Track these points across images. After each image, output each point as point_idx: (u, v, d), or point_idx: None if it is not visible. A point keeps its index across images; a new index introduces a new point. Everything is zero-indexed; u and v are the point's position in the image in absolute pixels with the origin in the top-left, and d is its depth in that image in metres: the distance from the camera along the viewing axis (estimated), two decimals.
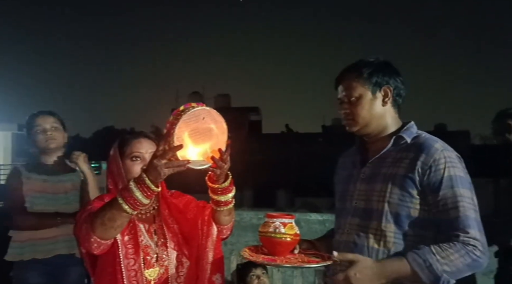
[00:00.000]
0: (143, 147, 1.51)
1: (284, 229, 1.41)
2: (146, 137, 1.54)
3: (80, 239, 1.36)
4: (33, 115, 2.34)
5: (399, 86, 1.49)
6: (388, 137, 1.47)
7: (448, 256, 1.28)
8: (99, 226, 1.28)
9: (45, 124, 2.30)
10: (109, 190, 1.52)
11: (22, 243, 2.21)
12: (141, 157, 1.49)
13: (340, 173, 1.64)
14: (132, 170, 1.47)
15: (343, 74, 1.52)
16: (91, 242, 1.31)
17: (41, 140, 2.29)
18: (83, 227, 1.32)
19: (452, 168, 1.36)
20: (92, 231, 1.29)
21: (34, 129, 2.30)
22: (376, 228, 1.40)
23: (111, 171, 1.50)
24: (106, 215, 1.27)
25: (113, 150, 1.52)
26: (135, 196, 1.23)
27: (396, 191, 1.38)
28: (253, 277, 2.56)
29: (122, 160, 1.49)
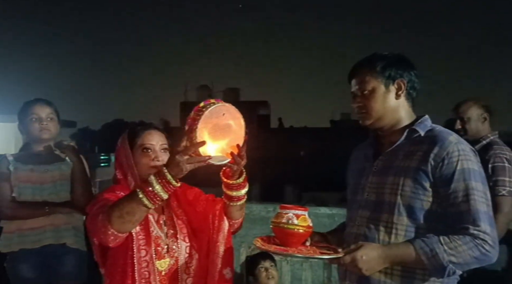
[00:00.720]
0: (154, 139, 1.52)
1: (297, 221, 1.41)
2: (156, 129, 1.56)
3: (94, 231, 1.36)
4: (29, 102, 2.29)
5: (413, 80, 1.48)
6: (402, 130, 1.47)
7: (456, 247, 1.29)
8: (117, 219, 1.28)
9: (41, 113, 2.25)
10: (118, 181, 1.52)
11: (11, 233, 2.19)
12: (152, 149, 1.51)
13: (352, 165, 1.64)
14: (143, 162, 1.49)
15: (357, 68, 1.52)
16: (108, 235, 1.31)
17: (35, 130, 2.24)
18: (99, 219, 1.32)
19: (466, 161, 1.35)
20: (109, 224, 1.29)
21: (29, 117, 2.24)
22: (387, 221, 1.40)
23: (120, 162, 1.51)
24: (124, 208, 1.28)
25: (122, 141, 1.53)
26: (156, 190, 1.25)
27: (409, 184, 1.38)
28: (261, 269, 2.57)
29: (132, 152, 1.51)
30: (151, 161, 1.50)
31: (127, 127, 1.60)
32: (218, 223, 1.55)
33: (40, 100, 2.30)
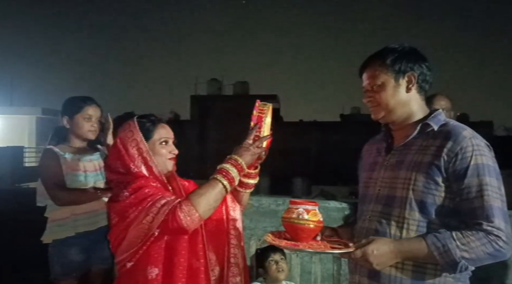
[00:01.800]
0: (169, 132, 1.63)
1: (307, 216, 1.41)
2: (165, 123, 1.65)
3: (171, 220, 1.38)
4: (83, 101, 2.46)
5: (425, 73, 1.46)
6: (414, 124, 1.45)
7: (468, 243, 1.27)
8: (204, 206, 1.41)
9: (94, 115, 2.45)
10: (136, 174, 1.49)
11: (64, 219, 2.34)
12: (168, 142, 1.61)
13: (365, 159, 1.63)
14: (162, 153, 1.57)
15: (367, 62, 1.50)
16: (195, 222, 1.40)
17: (84, 128, 2.43)
18: (182, 208, 1.38)
19: (480, 156, 1.33)
20: (197, 211, 1.39)
21: (82, 115, 2.42)
22: (398, 216, 1.39)
23: (131, 155, 1.52)
24: (211, 196, 1.43)
25: (132, 135, 1.54)
26: (234, 174, 1.47)
27: (421, 179, 1.37)
28: (271, 262, 2.58)
29: (148, 144, 1.54)
30: (169, 153, 1.59)
31: (123, 120, 1.63)
32: (233, 210, 1.66)
33: (93, 101, 2.49)
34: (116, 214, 1.48)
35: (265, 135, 1.53)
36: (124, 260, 1.48)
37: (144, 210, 1.40)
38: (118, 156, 1.54)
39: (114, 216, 1.49)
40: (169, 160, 1.59)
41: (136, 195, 1.43)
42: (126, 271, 1.48)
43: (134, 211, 1.42)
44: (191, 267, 1.47)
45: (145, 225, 1.40)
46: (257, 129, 1.53)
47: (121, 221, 1.45)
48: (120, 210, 1.46)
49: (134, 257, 1.45)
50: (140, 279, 1.44)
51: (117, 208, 1.47)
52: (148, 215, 1.40)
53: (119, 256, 1.49)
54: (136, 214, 1.41)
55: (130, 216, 1.42)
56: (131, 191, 1.44)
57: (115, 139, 1.60)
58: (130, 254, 1.45)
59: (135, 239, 1.43)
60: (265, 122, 1.53)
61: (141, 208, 1.41)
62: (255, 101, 1.59)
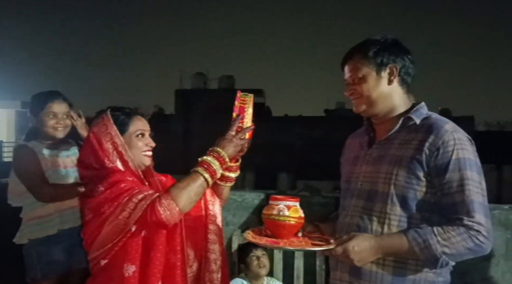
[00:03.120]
0: (145, 124, 1.58)
1: (288, 212, 1.39)
2: (140, 115, 1.61)
3: (149, 214, 1.34)
4: (46, 97, 2.29)
5: (407, 65, 1.44)
6: (397, 118, 1.43)
7: (449, 238, 1.27)
8: (185, 200, 1.37)
9: (58, 111, 2.28)
10: (111, 169, 1.45)
11: (49, 216, 2.24)
12: (145, 134, 1.56)
13: (347, 154, 1.62)
14: (138, 146, 1.53)
15: (349, 54, 1.48)
16: (175, 215, 1.36)
17: (50, 127, 2.27)
18: (161, 202, 1.34)
19: (462, 150, 1.32)
20: (177, 205, 1.36)
21: (45, 112, 2.26)
22: (380, 211, 1.38)
23: (106, 149, 1.47)
24: (192, 189, 1.39)
25: (106, 128, 1.49)
26: (216, 167, 1.43)
27: (403, 173, 1.35)
28: (253, 257, 2.57)
29: (123, 137, 1.50)
30: (145, 145, 1.55)
31: (99, 113, 1.57)
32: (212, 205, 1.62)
33: (57, 96, 2.31)
34: (90, 210, 1.43)
35: (248, 126, 1.50)
36: (97, 257, 1.43)
37: (120, 205, 1.36)
38: (92, 151, 1.49)
39: (88, 212, 1.44)
40: (146, 153, 1.55)
41: (111, 190, 1.38)
42: (100, 268, 1.43)
43: (109, 206, 1.37)
44: (168, 262, 1.44)
45: (121, 221, 1.36)
46: (239, 120, 1.50)
47: (96, 217, 1.40)
48: (94, 205, 1.40)
49: (108, 254, 1.41)
50: (116, 276, 1.40)
51: (92, 204, 1.42)
52: (124, 210, 1.35)
53: (92, 253, 1.44)
54: (112, 209, 1.37)
55: (105, 211, 1.37)
56: (106, 185, 1.39)
57: (88, 133, 1.55)
58: (105, 250, 1.41)
59: (111, 236, 1.38)
60: (248, 112, 1.50)
61: (117, 203, 1.36)
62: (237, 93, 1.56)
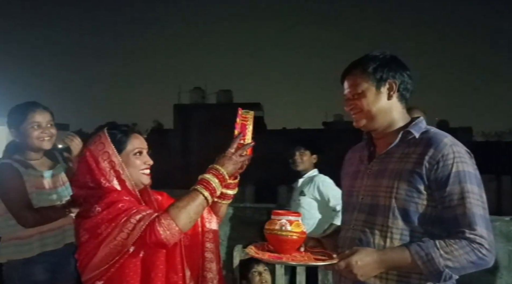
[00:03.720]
0: (143, 142, 1.57)
1: (290, 227, 1.39)
2: (137, 133, 1.59)
3: (148, 235, 1.32)
4: (27, 107, 2.19)
5: (406, 81, 1.46)
6: (396, 132, 1.45)
7: (452, 251, 1.27)
8: (185, 219, 1.36)
9: (42, 121, 2.18)
10: (107, 189, 1.42)
11: (30, 238, 2.14)
12: (143, 152, 1.55)
13: (347, 168, 1.63)
14: (136, 165, 1.51)
15: (348, 70, 1.50)
16: (175, 235, 1.35)
17: (35, 138, 2.17)
18: (160, 222, 1.33)
19: (461, 163, 1.34)
20: (177, 225, 1.35)
21: (28, 124, 2.16)
22: (382, 224, 1.38)
23: (102, 168, 1.44)
24: (191, 208, 1.38)
25: (103, 146, 1.47)
26: (216, 185, 1.43)
27: (404, 187, 1.36)
28: (255, 273, 2.55)
29: (121, 156, 1.48)
30: (144, 163, 1.52)
31: (95, 131, 1.55)
32: (208, 222, 1.61)
33: (38, 106, 2.21)
34: (87, 231, 1.39)
35: (248, 143, 1.51)
36: (93, 278, 1.40)
37: (118, 226, 1.34)
38: (88, 169, 1.46)
39: (84, 233, 1.40)
40: (144, 171, 1.53)
41: (109, 211, 1.35)
42: None
43: (107, 227, 1.35)
44: (169, 282, 1.42)
45: (119, 242, 1.33)
46: (241, 137, 1.50)
47: (92, 238, 1.37)
48: (91, 226, 1.37)
49: (104, 275, 1.38)
50: None
51: (88, 225, 1.38)
52: (122, 231, 1.33)
53: (87, 274, 1.40)
54: (109, 230, 1.34)
55: (102, 233, 1.35)
56: (103, 206, 1.37)
57: (84, 152, 1.51)
58: (100, 272, 1.37)
59: (107, 257, 1.35)
60: (249, 130, 1.52)
61: (114, 224, 1.34)
62: (238, 110, 1.57)
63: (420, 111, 2.63)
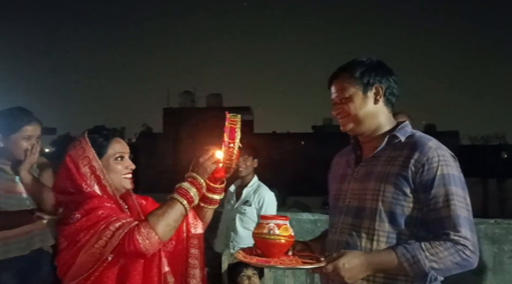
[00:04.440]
0: (124, 146, 1.54)
1: (278, 231, 1.40)
2: (119, 137, 1.57)
3: (127, 244, 1.30)
4: (21, 119, 2.16)
5: (392, 86, 1.49)
6: (382, 136, 1.47)
7: (437, 253, 1.29)
8: (164, 227, 1.35)
9: (33, 135, 2.16)
10: (88, 194, 1.41)
11: None
12: (124, 157, 1.52)
13: (334, 171, 1.64)
14: (118, 170, 1.49)
15: (335, 75, 1.52)
16: (155, 244, 1.33)
17: (22, 150, 2.13)
18: (140, 231, 1.31)
19: (446, 166, 1.36)
20: (157, 234, 1.33)
21: (19, 134, 2.14)
22: (368, 227, 1.40)
23: (83, 174, 1.42)
24: (170, 217, 1.37)
25: (84, 151, 1.45)
26: (193, 194, 1.42)
27: (390, 190, 1.38)
28: (244, 277, 2.54)
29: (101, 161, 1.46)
30: (125, 168, 1.50)
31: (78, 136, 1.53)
32: (193, 227, 1.58)
33: (32, 118, 2.19)
34: (66, 238, 1.37)
35: (238, 146, 1.49)
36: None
37: (96, 234, 1.31)
38: (68, 175, 1.43)
39: (63, 240, 1.37)
40: (126, 176, 1.51)
41: (88, 217, 1.33)
42: None
43: (85, 234, 1.32)
44: None
45: (97, 250, 1.31)
46: (229, 141, 1.48)
47: (71, 245, 1.34)
48: (70, 233, 1.35)
49: (84, 283, 1.36)
50: None
51: (67, 231, 1.36)
52: (101, 238, 1.31)
53: (67, 282, 1.38)
54: (88, 238, 1.32)
55: (81, 240, 1.32)
56: (83, 212, 1.34)
57: (64, 157, 1.48)
58: (80, 280, 1.35)
59: (86, 265, 1.33)
60: (238, 133, 1.50)
61: (93, 231, 1.32)
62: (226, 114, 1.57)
63: (406, 116, 2.67)
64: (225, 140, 1.49)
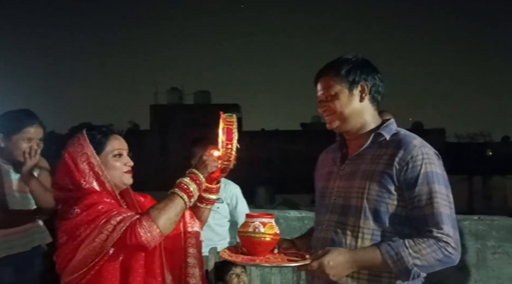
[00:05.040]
0: (123, 143, 1.54)
1: (263, 229, 1.40)
2: (117, 134, 1.57)
3: (129, 237, 1.31)
4: (24, 121, 2.17)
5: (377, 84, 1.50)
6: (368, 134, 1.48)
7: (420, 250, 1.31)
8: (166, 221, 1.36)
9: (35, 137, 2.17)
10: (87, 190, 1.41)
11: None
12: (123, 153, 1.53)
13: (320, 169, 1.65)
14: (117, 167, 1.49)
15: (321, 72, 1.53)
16: (156, 237, 1.34)
17: (22, 152, 2.12)
18: (142, 224, 1.32)
19: (429, 164, 1.38)
20: (158, 227, 1.34)
21: (22, 136, 2.14)
22: (353, 225, 1.41)
23: (82, 170, 1.43)
24: (171, 211, 1.38)
25: (82, 148, 1.46)
26: (193, 189, 1.43)
27: (375, 188, 1.39)
28: (232, 275, 2.54)
29: (100, 157, 1.46)
30: (124, 165, 1.51)
31: (73, 132, 1.54)
32: (191, 227, 1.59)
33: (35, 120, 2.18)
34: (65, 233, 1.38)
35: (236, 146, 1.48)
36: (72, 281, 1.38)
37: (97, 228, 1.32)
38: (67, 171, 1.44)
39: (62, 235, 1.39)
40: (126, 173, 1.52)
41: (88, 212, 1.34)
42: None
43: (85, 229, 1.33)
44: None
45: (98, 244, 1.32)
46: (227, 141, 1.48)
47: (71, 240, 1.35)
48: (70, 228, 1.36)
49: (84, 278, 1.36)
50: None
51: (67, 226, 1.37)
52: (101, 232, 1.32)
53: (66, 277, 1.39)
54: (88, 232, 1.33)
55: (81, 234, 1.33)
56: (82, 207, 1.35)
57: (63, 154, 1.49)
58: (79, 275, 1.36)
59: (86, 259, 1.33)
60: (235, 133, 1.48)
61: (93, 225, 1.33)
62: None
63: (391, 114, 2.70)
64: (223, 141, 1.47)
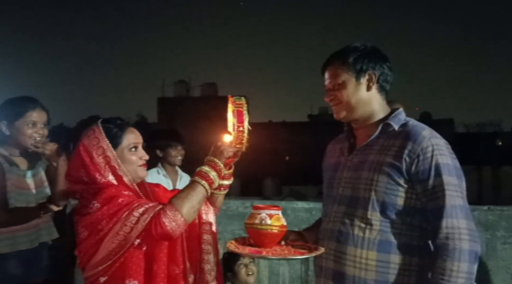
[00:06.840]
0: (138, 137, 1.52)
1: (270, 221, 1.39)
2: (132, 127, 1.55)
3: (154, 227, 1.31)
4: (26, 105, 2.12)
5: (386, 72, 1.47)
6: (376, 124, 1.45)
7: (451, 270, 1.27)
8: (189, 210, 1.37)
9: (39, 121, 2.12)
10: (103, 184, 1.40)
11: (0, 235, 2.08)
12: (138, 147, 1.51)
13: (328, 160, 1.63)
14: (132, 160, 1.47)
15: (329, 61, 1.50)
16: (181, 226, 1.35)
17: (29, 136, 2.09)
18: (166, 214, 1.32)
19: (440, 155, 1.35)
20: (182, 216, 1.35)
21: (25, 121, 2.09)
22: (361, 216, 1.39)
23: (97, 163, 1.41)
24: (193, 199, 1.38)
25: (98, 141, 1.43)
26: (213, 177, 1.43)
27: (383, 179, 1.37)
28: (241, 265, 2.55)
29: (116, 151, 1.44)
30: (140, 159, 1.49)
31: (88, 124, 1.51)
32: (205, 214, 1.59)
33: (37, 104, 2.14)
34: (86, 228, 1.36)
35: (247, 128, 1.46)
36: (96, 274, 1.37)
37: (119, 221, 1.31)
38: (82, 164, 1.41)
39: (83, 230, 1.37)
40: (141, 166, 1.50)
41: (109, 206, 1.33)
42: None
43: (107, 223, 1.32)
44: (171, 275, 1.40)
45: (122, 236, 1.31)
46: (238, 124, 1.45)
47: (93, 235, 1.34)
48: (90, 223, 1.34)
49: (109, 270, 1.35)
50: None
51: (87, 221, 1.35)
52: (125, 225, 1.31)
53: (89, 271, 1.37)
54: (111, 226, 1.32)
55: (103, 228, 1.32)
56: (102, 201, 1.34)
57: (77, 146, 1.45)
58: (104, 268, 1.34)
59: (110, 252, 1.33)
60: (246, 115, 1.45)
61: (116, 219, 1.31)
62: (224, 103, 1.52)
63: (400, 104, 2.66)
64: (234, 124, 1.44)
